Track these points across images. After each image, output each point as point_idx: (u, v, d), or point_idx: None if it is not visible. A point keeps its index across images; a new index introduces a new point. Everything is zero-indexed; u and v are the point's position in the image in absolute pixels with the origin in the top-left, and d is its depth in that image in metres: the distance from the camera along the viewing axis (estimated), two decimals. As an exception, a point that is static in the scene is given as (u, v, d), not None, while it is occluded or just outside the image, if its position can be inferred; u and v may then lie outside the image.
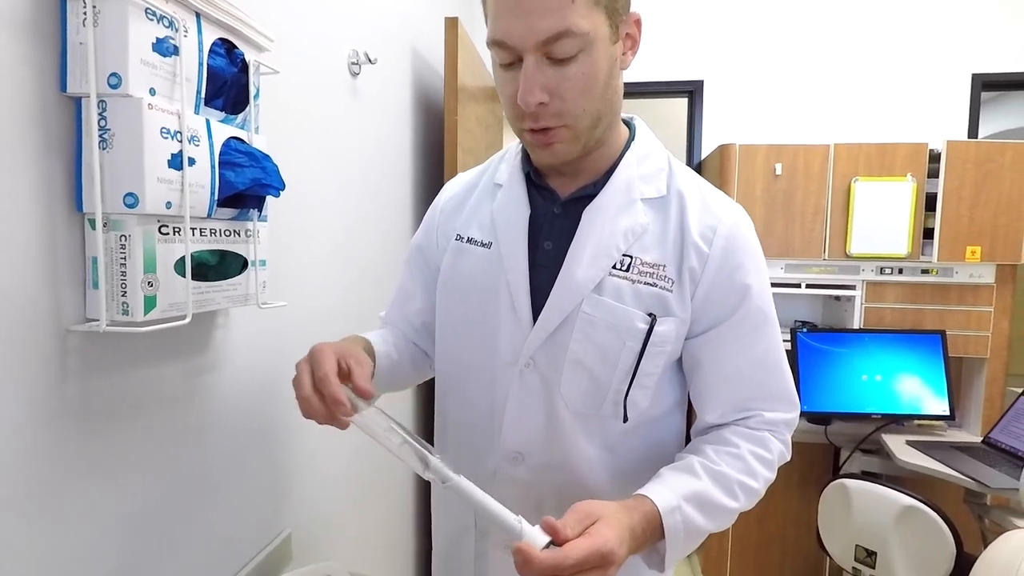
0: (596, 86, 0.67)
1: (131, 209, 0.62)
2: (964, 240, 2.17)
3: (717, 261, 0.73)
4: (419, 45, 1.83)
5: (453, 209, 0.87)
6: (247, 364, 0.97)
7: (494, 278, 0.77)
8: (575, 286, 0.73)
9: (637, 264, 0.73)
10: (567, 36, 0.62)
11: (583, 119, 0.68)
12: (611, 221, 0.74)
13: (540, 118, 0.67)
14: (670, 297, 0.73)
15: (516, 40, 0.64)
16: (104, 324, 0.62)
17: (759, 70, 2.68)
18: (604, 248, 0.73)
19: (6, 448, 0.57)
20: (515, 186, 0.79)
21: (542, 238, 0.77)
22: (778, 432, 0.78)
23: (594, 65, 0.65)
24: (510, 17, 0.63)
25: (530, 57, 0.64)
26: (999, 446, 1.98)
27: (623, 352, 0.73)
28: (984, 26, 2.52)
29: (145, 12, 0.61)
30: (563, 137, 0.69)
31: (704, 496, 0.69)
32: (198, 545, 0.86)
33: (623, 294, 0.73)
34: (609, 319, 0.73)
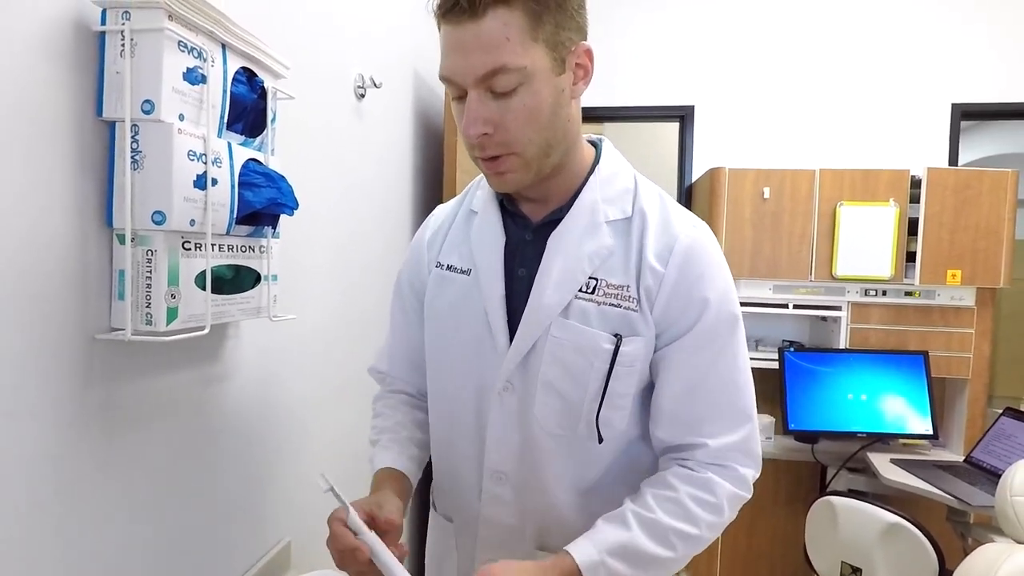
0: (540, 117, 0.68)
1: (158, 226, 0.66)
2: (945, 263, 2.24)
3: (672, 279, 0.74)
4: (421, 69, 1.90)
5: (436, 240, 0.88)
6: (255, 375, 1.00)
7: (474, 304, 0.79)
8: (544, 310, 0.74)
9: (603, 286, 0.74)
10: (503, 72, 0.65)
11: (530, 148, 0.70)
12: (576, 245, 0.75)
13: (486, 148, 0.70)
14: (635, 317, 0.74)
15: (458, 77, 0.68)
16: (129, 333, 0.66)
17: (749, 96, 2.77)
18: (570, 272, 0.74)
19: (36, 449, 0.61)
20: (490, 214, 0.81)
21: (517, 264, 0.78)
22: (727, 468, 0.75)
23: (536, 97, 0.67)
24: (453, 55, 0.67)
25: (472, 92, 0.67)
26: (980, 465, 2.03)
27: (591, 373, 0.74)
28: (964, 58, 2.62)
29: (178, 44, 0.66)
30: (513, 166, 0.71)
31: (632, 547, 0.69)
32: (202, 549, 0.88)
33: (589, 316, 0.74)
34: (576, 341, 0.74)
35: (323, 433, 1.28)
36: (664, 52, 2.82)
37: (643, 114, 2.87)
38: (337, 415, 1.34)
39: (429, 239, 0.89)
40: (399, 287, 0.94)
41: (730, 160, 2.63)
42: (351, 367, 1.39)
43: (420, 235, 0.92)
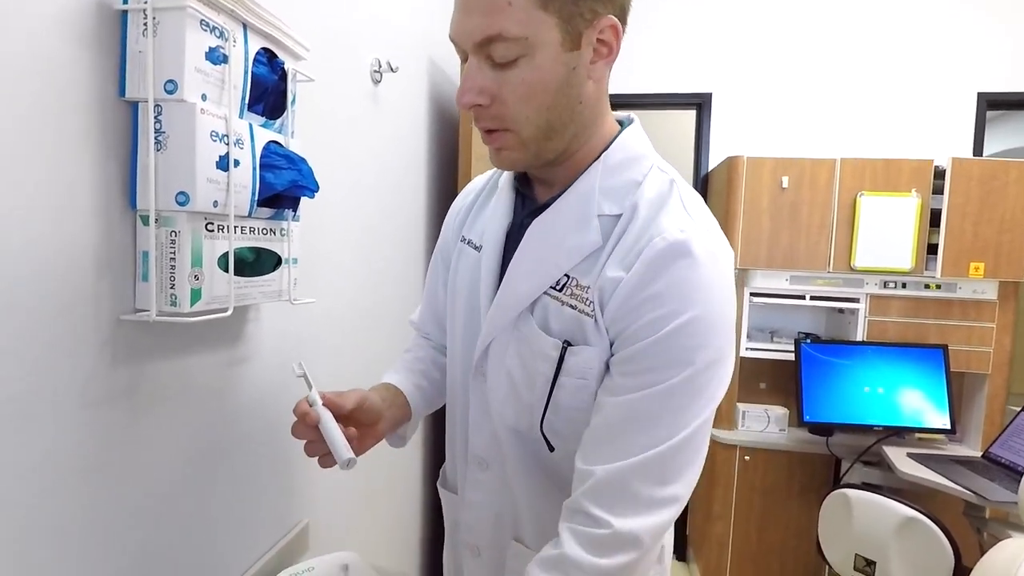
0: (541, 95, 0.62)
1: (182, 207, 0.66)
2: (968, 256, 2.21)
3: (630, 287, 0.62)
4: (436, 54, 1.88)
5: (464, 211, 0.86)
6: (275, 357, 1.01)
7: (477, 282, 0.77)
8: (512, 301, 0.70)
9: (572, 285, 0.67)
10: (500, 40, 0.59)
11: (527, 127, 0.64)
12: (558, 236, 0.68)
13: (480, 119, 0.65)
14: (589, 324, 0.65)
15: (459, 38, 0.63)
16: (154, 314, 0.66)
17: (767, 83, 2.72)
18: (544, 264, 0.68)
19: (64, 428, 0.61)
20: (505, 192, 0.78)
21: (513, 248, 0.73)
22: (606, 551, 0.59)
23: (538, 72, 0.61)
24: (458, 14, 0.62)
25: (472, 58, 0.62)
26: (999, 460, 2.00)
27: (538, 377, 0.69)
28: (990, 46, 2.56)
29: (200, 23, 0.65)
30: (509, 143, 0.65)
31: None
32: (221, 531, 0.89)
33: (549, 316, 0.68)
34: (530, 341, 0.69)
35: (339, 417, 1.29)
36: (681, 38, 2.77)
37: (659, 101, 2.83)
38: (353, 400, 1.35)
39: (458, 208, 0.89)
40: (435, 252, 0.95)
41: (748, 149, 2.60)
42: (369, 349, 1.39)
43: (456, 202, 0.91)
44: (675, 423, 0.61)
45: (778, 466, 2.37)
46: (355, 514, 1.39)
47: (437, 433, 2.00)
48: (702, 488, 2.58)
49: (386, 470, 1.59)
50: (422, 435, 1.91)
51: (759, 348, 2.43)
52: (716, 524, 2.43)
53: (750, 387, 2.58)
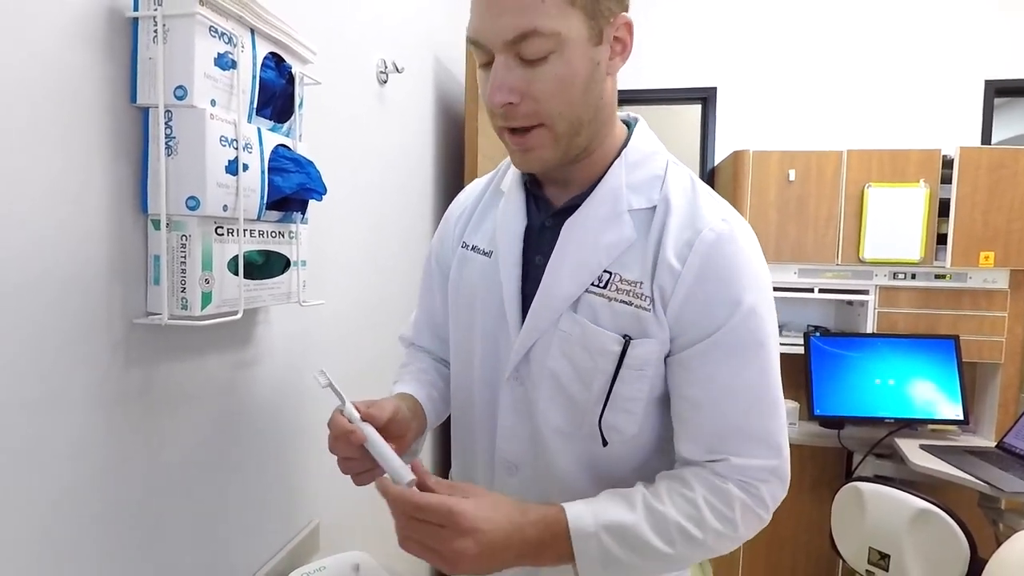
0: (572, 89, 0.63)
1: (193, 211, 0.66)
2: (978, 245, 2.19)
3: (690, 280, 0.66)
4: (441, 54, 1.89)
5: (464, 217, 0.86)
6: (285, 359, 1.02)
7: (492, 288, 0.76)
8: (553, 302, 0.70)
9: (616, 281, 0.68)
10: (535, 36, 0.60)
11: (560, 122, 0.65)
12: (593, 234, 0.69)
13: (511, 118, 0.65)
14: (648, 317, 0.67)
15: (486, 38, 0.63)
16: (166, 317, 0.67)
17: (772, 77, 2.71)
18: (584, 263, 0.69)
19: (78, 430, 0.62)
20: (514, 195, 0.77)
21: (533, 251, 0.74)
22: (749, 485, 0.67)
23: (568, 67, 0.62)
24: (481, 14, 0.63)
25: (500, 56, 0.62)
26: (1013, 451, 1.99)
27: (596, 373, 0.69)
28: (997, 33, 2.53)
29: (209, 30, 0.66)
30: (541, 140, 0.66)
31: (632, 531, 0.64)
32: (232, 531, 0.90)
33: (598, 313, 0.69)
34: (583, 339, 0.69)
35: (350, 418, 1.30)
36: (686, 33, 2.76)
37: (665, 96, 2.83)
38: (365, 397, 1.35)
39: (457, 215, 0.87)
40: (428, 259, 0.93)
41: (754, 142, 2.58)
42: (377, 350, 1.40)
43: (450, 210, 0.90)
44: (773, 397, 0.69)
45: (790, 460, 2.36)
46: (366, 514, 1.40)
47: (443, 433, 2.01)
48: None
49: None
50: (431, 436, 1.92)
51: (768, 342, 2.43)
52: (728, 519, 2.43)
53: (760, 381, 2.57)
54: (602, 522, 0.64)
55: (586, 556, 0.63)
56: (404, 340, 0.99)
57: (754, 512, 0.68)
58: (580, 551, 0.63)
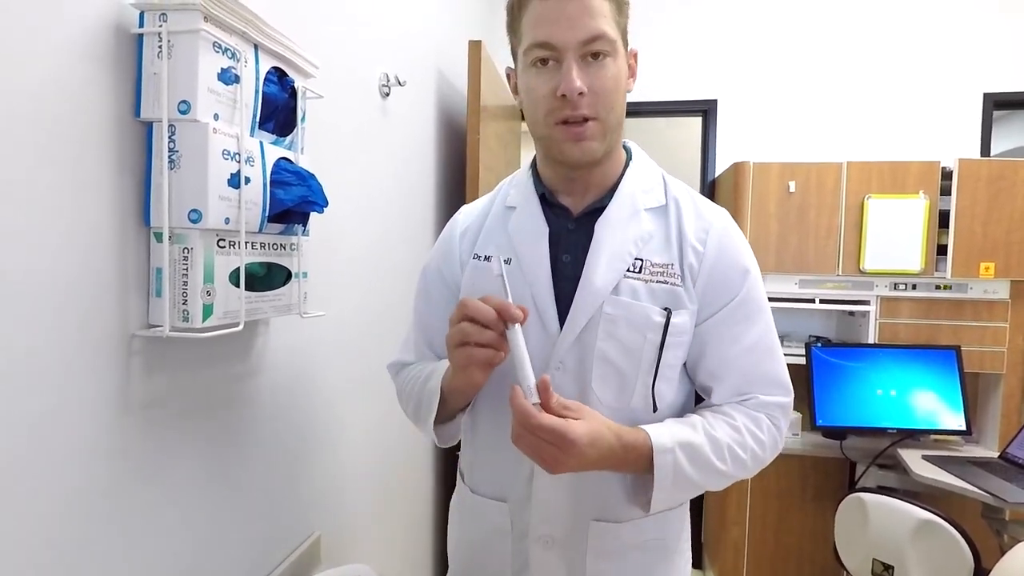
0: (620, 86, 0.78)
1: (195, 224, 0.67)
2: (978, 256, 2.19)
3: (712, 258, 0.82)
4: (444, 67, 1.91)
5: (471, 233, 0.91)
6: (286, 371, 1.02)
7: (517, 290, 0.80)
8: (595, 290, 0.80)
9: (648, 266, 0.81)
10: (603, 38, 0.74)
11: (611, 116, 0.78)
12: (621, 230, 0.82)
13: (579, 107, 0.75)
14: (680, 291, 0.81)
15: (559, 40, 0.74)
16: (167, 330, 0.67)
17: (772, 89, 2.73)
18: (618, 254, 0.81)
19: (77, 443, 0.62)
20: (531, 207, 0.86)
21: (560, 251, 0.83)
22: (773, 416, 0.83)
23: (619, 68, 0.77)
24: (555, 23, 0.74)
25: (571, 54, 0.74)
26: (1016, 461, 1.98)
27: (645, 346, 0.80)
28: (995, 46, 2.55)
29: (213, 45, 0.67)
30: (593, 132, 0.77)
31: (698, 450, 0.77)
32: (233, 544, 0.90)
33: (639, 293, 0.80)
34: (629, 316, 0.80)
35: (352, 427, 1.30)
36: (686, 46, 2.79)
37: (666, 108, 2.84)
38: (365, 410, 1.36)
39: (460, 233, 0.93)
40: (425, 277, 0.96)
41: (754, 154, 2.60)
42: (378, 362, 1.40)
43: (450, 231, 0.95)
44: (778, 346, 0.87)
45: (792, 470, 2.35)
46: (367, 526, 1.39)
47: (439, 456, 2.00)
48: (717, 494, 2.56)
49: (398, 482, 1.60)
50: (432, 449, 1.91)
51: (769, 352, 2.42)
52: (732, 530, 2.41)
53: (761, 392, 2.56)
54: (677, 440, 0.76)
55: (663, 470, 0.75)
56: (396, 366, 0.99)
57: (775, 438, 0.83)
58: (659, 465, 0.75)
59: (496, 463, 0.88)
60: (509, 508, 0.87)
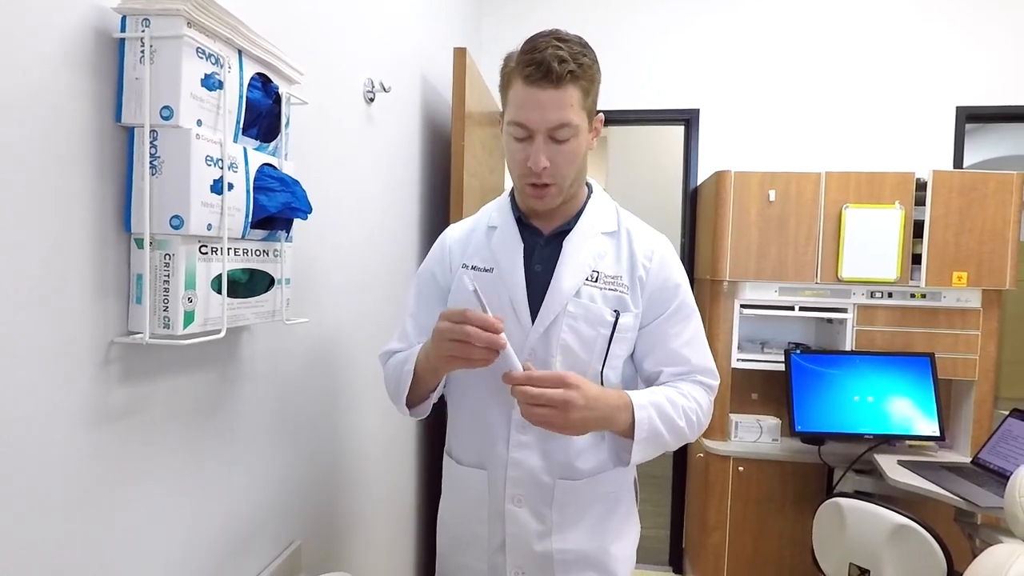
0: (576, 159, 0.96)
1: (176, 230, 0.67)
2: (951, 266, 2.24)
3: (655, 272, 1.03)
4: (428, 74, 1.91)
5: (459, 247, 1.10)
6: (268, 378, 1.01)
7: (499, 293, 1.01)
8: (561, 294, 0.99)
9: (602, 276, 1.02)
10: (567, 126, 0.91)
11: (566, 180, 0.96)
12: (583, 247, 1.02)
13: (543, 176, 0.94)
14: (627, 298, 1.02)
15: (534, 125, 0.91)
16: (147, 336, 0.67)
17: (754, 100, 2.77)
18: (580, 266, 1.01)
19: (54, 450, 0.61)
20: (508, 227, 1.05)
21: (533, 262, 1.03)
22: (709, 390, 1.05)
23: (578, 145, 0.95)
24: (531, 109, 0.90)
25: (540, 136, 0.92)
26: (988, 466, 2.02)
27: (598, 339, 1.00)
28: (967, 61, 2.62)
29: (196, 51, 0.66)
30: (553, 193, 0.97)
31: (664, 408, 0.96)
32: (214, 551, 0.89)
33: (595, 297, 1.01)
34: (587, 315, 1.00)
35: (334, 435, 1.29)
36: (669, 56, 2.82)
37: (648, 117, 2.87)
38: (348, 417, 1.35)
39: (450, 245, 1.11)
40: (421, 276, 1.13)
41: (735, 163, 2.63)
42: (362, 369, 1.39)
43: (441, 242, 1.14)
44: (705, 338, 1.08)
45: (772, 476, 2.38)
46: (348, 535, 1.38)
47: (432, 450, 2.00)
48: (698, 499, 2.57)
49: (380, 490, 1.59)
50: (415, 456, 1.90)
51: (750, 359, 2.45)
52: (712, 535, 2.43)
53: (742, 398, 2.59)
54: (649, 400, 0.96)
55: (640, 422, 0.93)
56: (386, 354, 1.10)
57: (709, 407, 1.05)
58: (640, 418, 0.93)
59: (476, 436, 1.06)
60: (488, 475, 1.04)
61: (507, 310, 1.00)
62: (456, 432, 1.11)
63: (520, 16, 2.86)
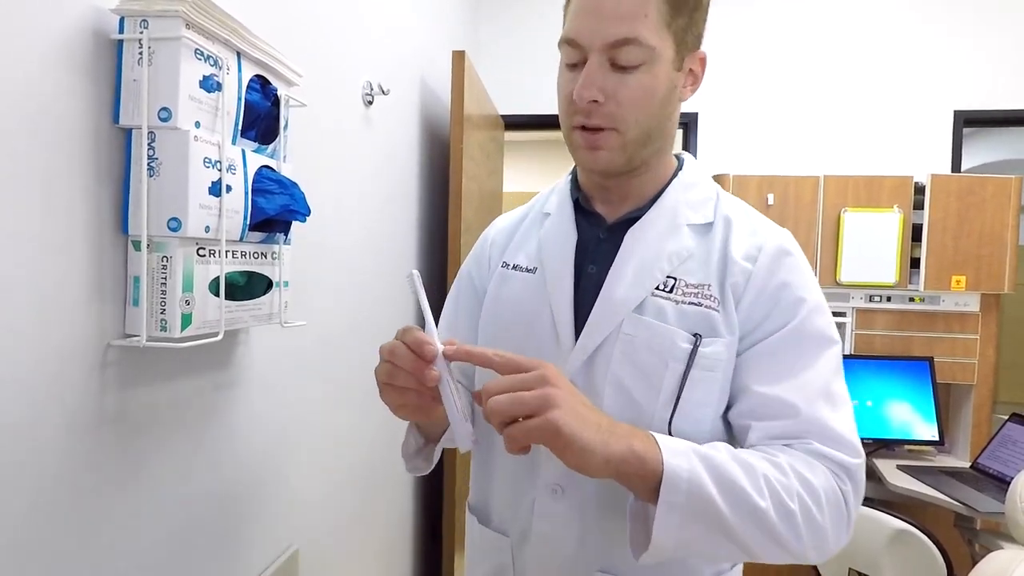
0: (652, 101, 0.68)
1: (174, 232, 0.66)
2: (949, 269, 2.25)
3: (761, 276, 0.70)
4: (427, 76, 1.91)
5: (502, 240, 0.87)
6: (265, 381, 1.01)
7: (537, 302, 0.76)
8: (615, 306, 0.71)
9: (681, 286, 0.71)
10: (633, 44, 0.65)
11: (633, 129, 0.69)
12: (656, 243, 0.73)
13: (592, 115, 0.68)
14: (716, 317, 0.69)
15: (585, 39, 0.66)
16: (144, 339, 0.66)
17: (753, 104, 2.78)
18: (647, 269, 0.72)
19: (50, 454, 0.61)
20: (564, 212, 0.80)
21: (587, 262, 0.75)
22: (835, 472, 0.63)
23: (654, 80, 0.67)
24: (585, 17, 0.66)
25: (595, 56, 0.66)
26: (987, 471, 2.02)
27: (666, 374, 0.68)
28: (965, 65, 2.63)
29: (195, 53, 0.66)
30: (611, 143, 0.69)
31: (722, 468, 0.58)
32: (210, 555, 0.88)
33: (666, 314, 0.70)
34: (650, 339, 0.69)
35: (332, 439, 1.28)
36: (667, 59, 2.83)
37: (646, 121, 2.88)
38: (346, 421, 1.34)
39: (493, 238, 0.88)
40: (458, 282, 0.91)
41: (734, 167, 2.64)
42: (360, 373, 1.39)
43: (487, 234, 0.91)
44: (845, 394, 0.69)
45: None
46: (346, 540, 1.37)
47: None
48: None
49: (378, 494, 1.58)
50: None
51: (749, 363, 2.46)
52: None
53: (741, 402, 2.59)
54: (692, 448, 0.60)
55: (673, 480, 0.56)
56: None
57: (839, 503, 0.62)
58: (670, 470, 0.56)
59: (498, 491, 0.80)
60: (511, 543, 0.78)
61: (546, 327, 0.74)
62: (476, 479, 0.85)
63: (518, 19, 2.87)
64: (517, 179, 4.38)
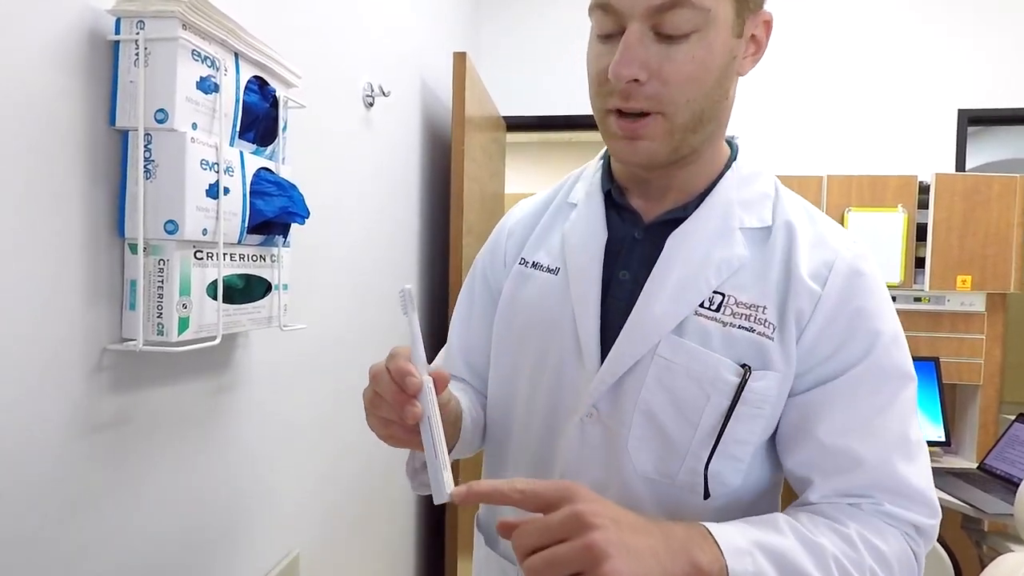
0: (707, 76, 0.56)
1: (171, 235, 0.65)
2: (955, 269, 2.23)
3: (832, 302, 0.59)
4: (428, 78, 1.90)
5: (521, 231, 0.75)
6: (264, 385, 1.00)
7: (559, 309, 0.66)
8: (651, 324, 0.60)
9: (731, 303, 0.60)
10: (684, 7, 0.53)
11: (682, 112, 0.57)
12: (702, 250, 0.61)
13: (631, 97, 0.56)
14: (771, 346, 0.59)
15: (624, 2, 0.54)
16: (141, 343, 0.65)
17: (756, 102, 2.77)
18: (691, 281, 0.61)
19: (46, 459, 0.60)
20: (592, 205, 0.68)
21: (618, 266, 0.65)
22: (908, 535, 0.58)
23: (709, 50, 0.55)
24: None
25: (635, 25, 0.54)
26: (994, 472, 2.00)
27: (706, 409, 0.59)
28: (969, 64, 2.62)
29: (192, 53, 0.65)
30: (654, 130, 0.58)
31: (787, 556, 0.51)
32: (211, 560, 0.87)
33: (710, 338, 0.60)
34: (690, 366, 0.59)
35: (333, 443, 1.27)
36: (669, 59, 2.82)
37: (648, 121, 2.87)
38: (347, 425, 1.33)
39: (510, 227, 0.77)
40: (472, 275, 0.81)
41: (736, 166, 2.63)
42: (360, 376, 1.38)
43: (503, 223, 0.80)
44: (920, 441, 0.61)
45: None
46: (347, 545, 1.37)
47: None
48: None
49: (379, 498, 1.57)
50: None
51: (752, 364, 2.44)
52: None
53: (745, 403, 2.58)
54: (752, 539, 0.51)
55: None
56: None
57: (910, 566, 0.56)
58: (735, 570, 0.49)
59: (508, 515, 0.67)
60: (518, 573, 0.68)
61: (567, 340, 0.64)
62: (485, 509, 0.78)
63: (519, 19, 2.86)
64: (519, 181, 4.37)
